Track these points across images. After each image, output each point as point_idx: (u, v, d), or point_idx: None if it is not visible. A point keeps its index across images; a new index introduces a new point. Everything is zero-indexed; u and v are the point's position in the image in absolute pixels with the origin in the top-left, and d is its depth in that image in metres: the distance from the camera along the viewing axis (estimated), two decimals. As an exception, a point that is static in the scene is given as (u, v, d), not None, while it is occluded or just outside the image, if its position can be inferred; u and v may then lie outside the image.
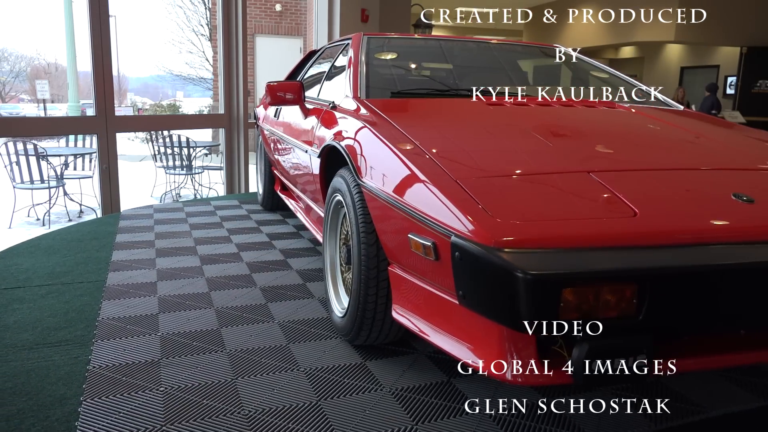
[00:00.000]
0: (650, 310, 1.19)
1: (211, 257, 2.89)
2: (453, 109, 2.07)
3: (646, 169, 1.58)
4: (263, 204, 4.05)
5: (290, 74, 3.79)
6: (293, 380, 1.72)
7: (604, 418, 1.57)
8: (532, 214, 1.29)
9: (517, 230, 1.23)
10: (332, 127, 2.12)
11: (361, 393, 1.66)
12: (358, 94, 2.21)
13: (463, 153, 1.60)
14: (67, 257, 2.88)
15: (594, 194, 1.40)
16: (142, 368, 1.76)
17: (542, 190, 1.42)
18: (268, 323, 2.11)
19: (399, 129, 1.75)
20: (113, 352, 1.87)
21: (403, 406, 1.60)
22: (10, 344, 1.92)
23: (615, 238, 1.24)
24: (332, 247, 2.17)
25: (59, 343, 1.94)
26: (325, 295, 2.36)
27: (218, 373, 1.75)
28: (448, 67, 2.71)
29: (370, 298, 1.74)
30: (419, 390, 1.68)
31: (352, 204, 1.80)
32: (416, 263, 1.48)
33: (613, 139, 1.84)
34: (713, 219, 1.32)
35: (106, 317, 2.13)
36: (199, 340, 1.96)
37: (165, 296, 2.35)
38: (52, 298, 2.33)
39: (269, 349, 1.91)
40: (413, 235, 1.45)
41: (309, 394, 1.65)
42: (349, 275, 2.02)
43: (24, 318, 2.13)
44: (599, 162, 1.60)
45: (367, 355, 1.89)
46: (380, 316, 1.77)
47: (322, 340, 1.98)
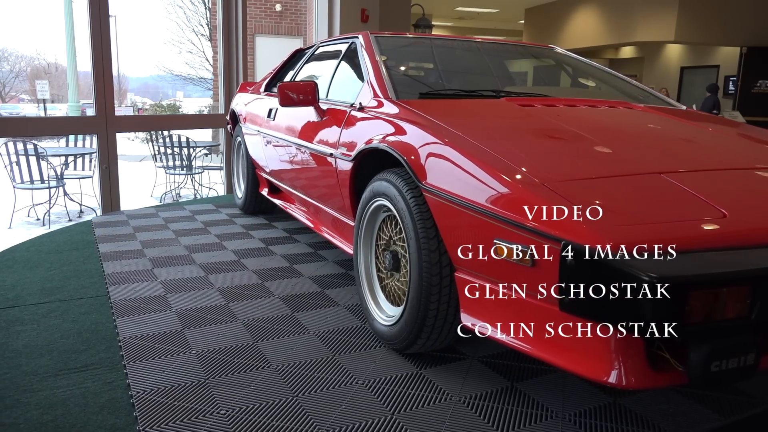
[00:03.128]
0: (761, 309, 1.21)
1: (213, 266, 2.74)
2: (491, 110, 2.05)
3: (707, 169, 1.61)
4: (244, 208, 3.89)
5: (275, 74, 3.66)
6: (359, 395, 1.65)
7: (679, 414, 1.60)
8: (635, 218, 1.29)
9: (630, 234, 1.23)
10: (368, 130, 2.05)
11: (433, 404, 1.61)
12: (389, 95, 2.15)
13: (531, 156, 1.58)
14: (52, 271, 2.65)
15: (676, 195, 1.41)
16: (192, 391, 1.64)
17: (628, 192, 1.42)
18: (303, 334, 2.02)
19: (458, 132, 1.71)
20: (151, 374, 1.73)
21: (480, 414, 1.56)
22: (30, 371, 1.74)
23: (718, 240, 1.26)
24: (366, 253, 2.10)
25: (85, 367, 1.78)
26: (360, 304, 2.30)
27: (277, 392, 1.65)
28: (462, 67, 2.70)
29: (432, 305, 1.69)
30: (487, 397, 1.65)
31: (407, 208, 1.75)
32: (500, 269, 1.45)
33: (658, 139, 1.88)
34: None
35: (129, 336, 1.97)
36: (238, 356, 1.85)
37: (182, 310, 2.20)
38: (56, 318, 2.14)
39: (319, 363, 1.83)
40: (500, 240, 1.42)
41: (381, 408, 1.58)
42: (392, 282, 1.97)
43: (33, 341, 1.94)
44: (662, 163, 1.62)
45: (420, 364, 1.84)
46: (440, 323, 1.73)
47: (367, 350, 1.92)
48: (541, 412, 1.59)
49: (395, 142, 1.83)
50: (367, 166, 2.15)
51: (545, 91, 2.54)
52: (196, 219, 3.74)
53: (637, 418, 1.57)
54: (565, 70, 2.89)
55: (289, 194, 3.14)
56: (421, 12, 8.69)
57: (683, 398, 1.68)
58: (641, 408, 1.62)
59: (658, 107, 2.39)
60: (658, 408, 1.62)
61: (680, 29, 9.90)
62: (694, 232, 1.27)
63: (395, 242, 1.93)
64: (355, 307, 2.29)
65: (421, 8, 8.62)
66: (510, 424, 1.52)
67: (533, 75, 2.98)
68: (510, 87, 2.61)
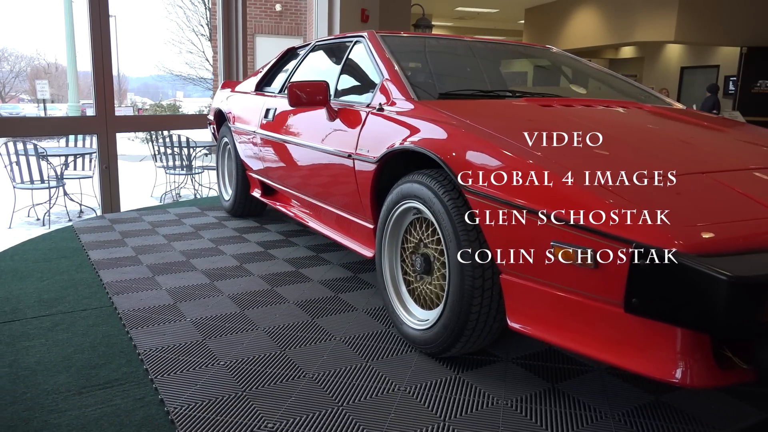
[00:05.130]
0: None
1: (216, 272, 2.65)
2: (518, 112, 2.04)
3: (740, 169, 1.64)
4: (232, 210, 3.79)
5: (266, 73, 3.56)
6: (405, 402, 1.61)
7: (720, 411, 1.62)
8: (701, 218, 1.30)
9: (700, 234, 1.24)
10: (393, 132, 2.01)
11: (481, 408, 1.59)
12: (410, 96, 2.12)
13: (577, 157, 1.58)
14: (45, 281, 2.51)
15: (727, 195, 1.43)
16: (231, 404, 1.57)
17: (683, 192, 1.43)
18: (330, 341, 1.97)
19: (498, 134, 1.70)
20: (184, 388, 1.65)
21: (531, 417, 1.55)
22: (51, 390, 1.64)
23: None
24: (391, 257, 2.07)
25: (109, 383, 1.68)
26: (381, 308, 2.27)
27: (320, 402, 1.60)
28: (470, 67, 2.69)
29: (474, 308, 1.67)
30: (532, 399, 1.64)
31: (445, 211, 1.72)
32: (556, 271, 1.44)
33: (683, 140, 1.91)
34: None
35: (149, 349, 1.88)
36: (270, 366, 1.79)
37: (198, 320, 2.12)
38: (63, 331, 2.02)
39: (355, 370, 1.78)
40: (559, 242, 1.41)
41: (431, 415, 1.55)
42: (422, 285, 1.94)
43: (46, 357, 1.83)
44: (699, 163, 1.65)
45: (456, 368, 1.82)
46: (480, 326, 1.71)
47: (398, 355, 1.89)
48: (589, 413, 1.59)
49: (431, 143, 1.80)
50: (386, 168, 2.11)
51: (557, 91, 2.56)
52: (183, 222, 3.61)
53: (682, 416, 1.59)
54: (564, 71, 2.92)
55: (289, 196, 3.06)
56: (421, 12, 8.69)
57: (721, 394, 1.71)
58: (684, 405, 1.64)
59: (667, 108, 2.44)
60: (700, 404, 1.65)
61: (680, 29, 9.83)
62: (757, 230, 1.29)
63: (427, 245, 1.90)
64: (374, 311, 2.25)
65: (421, 8, 8.62)
66: (563, 426, 1.52)
67: (533, 75, 3.00)
68: (522, 87, 2.62)
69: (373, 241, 2.24)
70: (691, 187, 1.46)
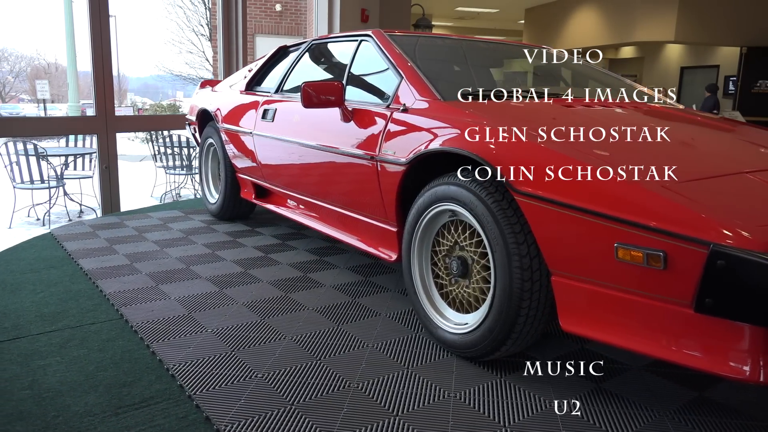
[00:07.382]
0: None
1: (222, 279, 2.55)
2: (547, 111, 2.04)
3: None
4: (219, 214, 3.66)
5: (257, 72, 3.45)
6: (460, 410, 1.58)
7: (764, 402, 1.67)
8: (763, 217, 1.33)
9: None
10: (424, 133, 1.97)
11: (536, 412, 1.58)
12: (435, 96, 2.09)
13: (629, 157, 1.58)
14: (40, 294, 2.35)
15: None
16: (284, 419, 1.51)
17: (739, 191, 1.45)
18: (364, 348, 1.92)
19: (543, 135, 1.69)
20: (227, 405, 1.57)
21: (589, 420, 1.55)
22: (83, 412, 1.53)
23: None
24: (421, 260, 2.03)
25: (144, 402, 1.59)
26: (408, 311, 2.23)
27: (375, 413, 1.55)
28: (479, 65, 2.67)
29: (523, 311, 1.66)
30: (583, 401, 1.64)
31: (490, 213, 1.70)
32: (620, 273, 1.44)
33: (707, 139, 1.95)
34: None
35: (177, 363, 1.78)
36: (311, 376, 1.73)
37: (220, 330, 2.02)
38: (77, 348, 1.89)
39: (399, 378, 1.74)
40: (624, 244, 1.41)
41: (491, 424, 1.53)
42: (457, 289, 1.91)
43: (67, 377, 1.70)
44: (735, 162, 1.68)
45: (497, 372, 1.80)
46: (527, 329, 1.70)
47: (436, 361, 1.86)
48: (642, 411, 1.60)
49: (473, 145, 1.77)
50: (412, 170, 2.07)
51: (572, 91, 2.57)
52: (170, 227, 3.47)
53: (728, 410, 1.62)
54: (563, 72, 2.95)
55: (291, 198, 2.98)
56: (421, 12, 8.63)
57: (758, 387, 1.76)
58: (727, 399, 1.67)
59: (673, 107, 2.50)
60: (741, 398, 1.68)
61: (680, 29, 9.75)
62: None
63: (464, 248, 1.88)
64: (398, 315, 2.21)
65: (421, 8, 8.57)
66: (623, 426, 1.52)
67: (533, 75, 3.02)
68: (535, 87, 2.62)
69: (395, 244, 2.20)
70: (745, 186, 1.49)
